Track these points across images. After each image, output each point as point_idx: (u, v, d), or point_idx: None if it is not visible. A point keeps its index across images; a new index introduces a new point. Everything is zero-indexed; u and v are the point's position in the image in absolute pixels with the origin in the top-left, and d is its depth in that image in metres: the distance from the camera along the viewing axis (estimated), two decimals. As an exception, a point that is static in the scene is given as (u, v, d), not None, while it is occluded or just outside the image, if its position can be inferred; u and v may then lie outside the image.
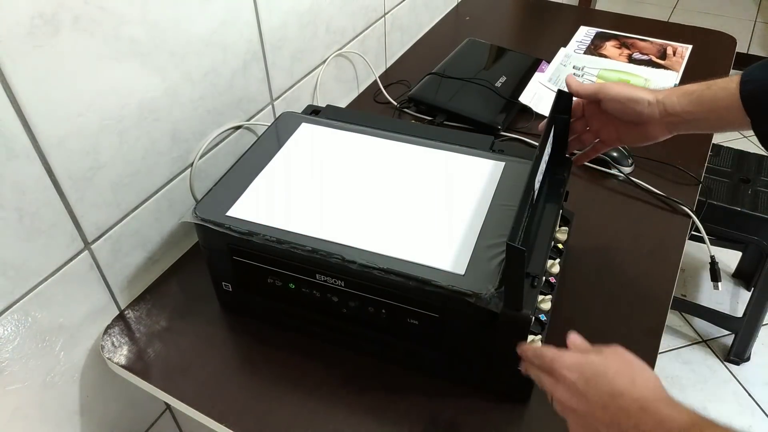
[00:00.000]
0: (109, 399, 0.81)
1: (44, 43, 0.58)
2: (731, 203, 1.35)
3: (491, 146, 0.76)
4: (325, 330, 0.71)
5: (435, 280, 0.57)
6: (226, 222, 0.64)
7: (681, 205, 0.89)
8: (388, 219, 0.65)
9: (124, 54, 0.67)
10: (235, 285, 0.71)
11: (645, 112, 0.67)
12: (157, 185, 0.78)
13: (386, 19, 1.21)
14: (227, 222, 0.64)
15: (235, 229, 0.63)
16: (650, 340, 0.71)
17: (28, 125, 0.59)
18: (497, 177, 0.70)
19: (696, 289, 1.76)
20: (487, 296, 0.55)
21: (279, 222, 0.64)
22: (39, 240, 0.64)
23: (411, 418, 0.65)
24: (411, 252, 0.60)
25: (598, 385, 0.49)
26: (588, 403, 0.49)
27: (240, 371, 0.70)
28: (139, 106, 0.71)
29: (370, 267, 0.59)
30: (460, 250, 0.61)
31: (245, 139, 0.91)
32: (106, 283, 0.75)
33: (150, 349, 0.73)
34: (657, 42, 1.31)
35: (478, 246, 0.61)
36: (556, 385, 0.51)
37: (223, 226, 0.64)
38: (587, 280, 0.78)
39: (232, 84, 0.85)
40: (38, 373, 0.70)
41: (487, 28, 1.41)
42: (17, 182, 0.60)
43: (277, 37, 0.91)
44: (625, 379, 0.48)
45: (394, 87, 1.18)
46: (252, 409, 0.66)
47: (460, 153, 0.74)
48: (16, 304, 0.64)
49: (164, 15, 0.70)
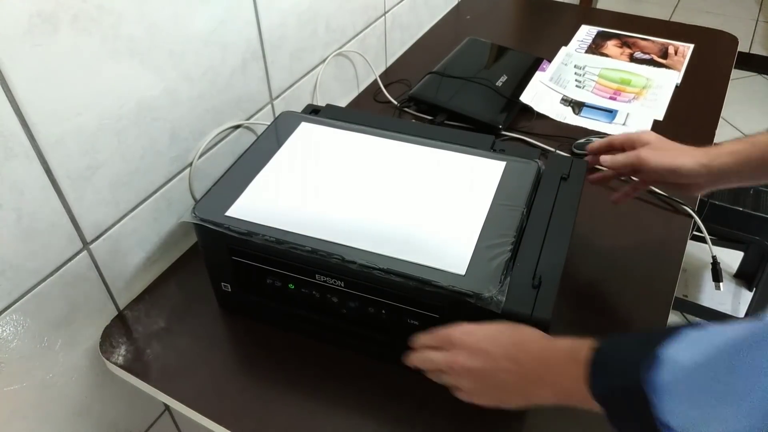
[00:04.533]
0: (108, 400, 0.80)
1: (43, 42, 0.58)
2: (733, 203, 1.34)
3: (492, 146, 0.75)
4: (324, 330, 0.70)
5: (435, 281, 0.57)
6: (225, 222, 0.64)
7: (683, 205, 0.89)
8: (388, 219, 0.65)
9: (122, 53, 0.66)
10: (235, 285, 0.71)
11: (688, 178, 0.67)
12: (156, 185, 0.78)
13: (386, 18, 1.21)
14: (226, 222, 0.64)
15: (235, 229, 0.63)
16: (652, 341, 0.71)
17: (27, 124, 0.59)
18: (498, 177, 0.69)
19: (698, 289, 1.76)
20: (488, 296, 0.55)
21: (278, 222, 0.64)
22: (38, 240, 0.64)
23: (411, 419, 0.64)
24: (411, 252, 0.60)
25: (499, 340, 0.54)
26: (491, 356, 0.53)
27: (239, 372, 0.70)
28: (138, 105, 0.71)
29: (369, 267, 0.59)
30: (460, 250, 0.60)
31: (244, 139, 0.91)
32: (104, 283, 0.74)
33: (149, 349, 0.73)
34: (658, 41, 1.31)
35: (478, 246, 0.61)
36: (454, 354, 0.55)
37: (222, 227, 0.63)
38: (588, 280, 0.78)
39: (231, 83, 0.84)
40: (37, 373, 0.70)
41: (487, 27, 1.41)
42: (16, 182, 0.60)
43: (277, 35, 0.91)
44: (520, 331, 0.54)
45: (395, 86, 1.18)
46: (251, 409, 0.66)
47: (461, 152, 0.74)
48: (15, 305, 0.64)
49: (163, 14, 0.70)
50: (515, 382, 0.53)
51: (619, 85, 1.18)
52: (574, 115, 1.10)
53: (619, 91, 1.16)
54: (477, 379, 0.54)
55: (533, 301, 0.56)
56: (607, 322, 0.74)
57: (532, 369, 0.52)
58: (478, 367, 0.54)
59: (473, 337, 0.55)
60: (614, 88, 1.17)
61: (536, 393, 0.52)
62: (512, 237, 0.61)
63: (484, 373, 0.54)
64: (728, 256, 1.76)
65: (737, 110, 2.31)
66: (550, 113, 1.11)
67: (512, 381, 0.53)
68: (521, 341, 0.53)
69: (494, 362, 0.53)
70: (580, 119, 1.09)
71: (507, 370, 0.53)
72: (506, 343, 0.54)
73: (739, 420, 0.35)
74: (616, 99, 1.14)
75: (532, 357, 0.52)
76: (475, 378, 0.54)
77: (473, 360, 0.54)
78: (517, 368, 0.52)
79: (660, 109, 1.11)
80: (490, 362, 0.53)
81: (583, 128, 1.06)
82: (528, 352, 0.53)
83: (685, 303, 1.66)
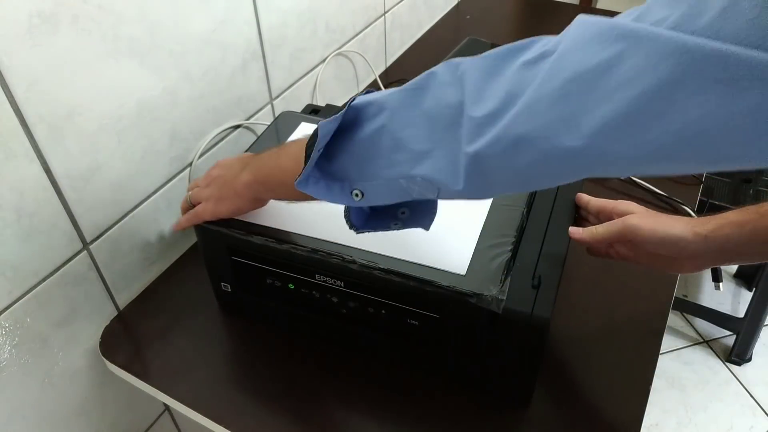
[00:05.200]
0: (108, 400, 0.80)
1: (43, 42, 0.58)
2: (733, 203, 1.35)
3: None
4: (324, 330, 0.70)
5: (436, 281, 0.57)
6: (225, 223, 0.64)
7: (682, 205, 0.89)
8: None
9: (122, 53, 0.66)
10: (234, 285, 0.71)
11: (685, 250, 0.57)
12: (156, 185, 0.78)
13: (386, 18, 1.21)
14: (226, 223, 0.64)
15: (235, 229, 0.63)
16: (651, 341, 0.71)
17: (27, 124, 0.59)
18: None
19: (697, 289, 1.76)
20: (489, 296, 0.55)
21: (278, 222, 0.64)
22: (37, 240, 0.64)
23: (411, 419, 0.64)
24: (411, 252, 0.60)
25: (243, 156, 0.66)
26: (230, 165, 0.64)
27: (239, 371, 0.70)
28: (138, 105, 0.71)
29: (370, 267, 0.59)
30: (460, 250, 0.60)
31: (244, 139, 0.91)
32: (104, 283, 0.74)
33: (149, 349, 0.73)
34: (658, 41, 1.31)
35: (479, 246, 0.61)
36: (207, 174, 0.66)
37: (222, 227, 0.63)
38: (588, 279, 0.78)
39: (231, 83, 0.84)
40: (37, 373, 0.70)
41: (487, 27, 1.41)
42: (16, 182, 0.60)
43: (277, 35, 0.91)
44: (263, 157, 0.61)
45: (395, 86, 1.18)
46: (251, 409, 0.66)
47: None
48: (15, 305, 0.64)
49: (163, 14, 0.70)
50: (244, 179, 0.60)
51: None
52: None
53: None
54: (216, 185, 0.63)
55: (533, 301, 0.56)
56: (606, 321, 0.74)
57: (259, 165, 0.59)
58: (219, 173, 0.64)
59: (225, 160, 0.67)
60: (614, 88, 1.17)
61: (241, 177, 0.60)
62: (513, 237, 0.61)
63: (223, 177, 0.63)
64: (728, 256, 1.76)
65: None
66: (549, 113, 1.10)
67: (237, 172, 0.61)
68: (258, 154, 0.62)
69: (231, 168, 0.63)
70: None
71: (239, 161, 0.63)
72: (246, 155, 0.65)
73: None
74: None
75: (262, 158, 0.60)
76: (216, 184, 0.63)
77: (218, 169, 0.65)
78: (250, 169, 0.60)
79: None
80: (228, 168, 0.64)
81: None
82: (258, 157, 0.61)
83: (685, 303, 1.67)
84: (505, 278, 0.57)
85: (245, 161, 0.62)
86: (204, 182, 0.66)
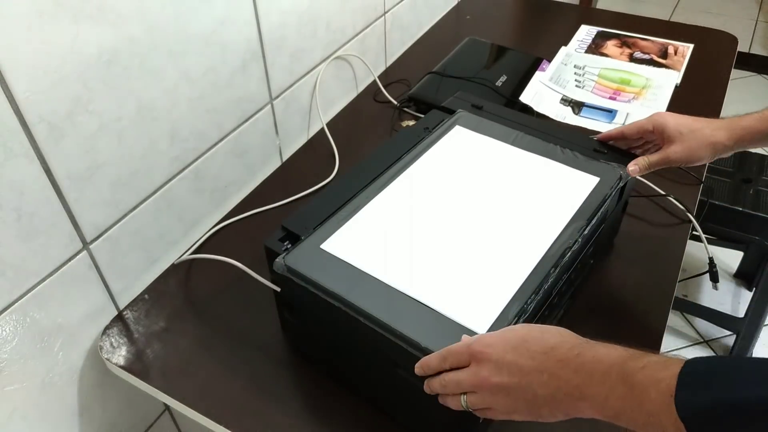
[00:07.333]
0: (108, 400, 0.80)
1: (43, 42, 0.58)
2: (733, 203, 1.34)
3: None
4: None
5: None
6: (318, 279, 0.58)
7: (682, 205, 0.89)
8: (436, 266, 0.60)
9: (123, 53, 0.66)
10: (300, 324, 0.68)
11: (702, 132, 0.71)
12: (156, 185, 0.78)
13: (386, 18, 1.21)
14: (318, 278, 0.58)
15: (329, 290, 0.57)
16: (652, 341, 0.71)
17: (27, 124, 0.59)
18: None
19: (697, 289, 1.76)
20: None
21: (376, 269, 0.59)
22: (37, 240, 0.64)
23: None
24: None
25: (528, 349, 0.47)
26: (521, 371, 0.47)
27: (239, 371, 0.70)
28: (138, 105, 0.71)
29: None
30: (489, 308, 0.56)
31: (245, 139, 0.91)
32: (104, 283, 0.74)
33: (149, 349, 0.73)
34: (658, 41, 1.31)
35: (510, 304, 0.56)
36: (478, 369, 0.48)
37: (315, 286, 0.58)
38: (587, 280, 0.78)
39: (231, 83, 0.84)
40: (37, 373, 0.70)
41: (487, 27, 1.41)
42: (15, 182, 0.60)
43: (277, 36, 0.91)
44: (549, 335, 0.48)
45: (394, 86, 1.18)
46: (251, 409, 0.66)
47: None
48: (15, 304, 0.64)
49: (163, 14, 0.70)
50: (552, 395, 0.46)
51: (619, 85, 1.18)
52: (573, 115, 1.11)
53: (618, 91, 1.16)
54: (509, 395, 0.47)
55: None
56: (606, 321, 0.74)
57: (568, 380, 0.45)
58: (508, 382, 0.47)
59: (496, 349, 0.48)
60: (614, 88, 1.17)
61: (576, 406, 0.45)
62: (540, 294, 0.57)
63: (516, 388, 0.47)
64: (728, 256, 1.76)
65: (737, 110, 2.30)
66: (549, 113, 1.11)
67: (548, 394, 0.46)
68: (552, 348, 0.47)
69: (526, 376, 0.46)
70: (580, 119, 1.09)
71: (541, 384, 0.46)
72: (536, 352, 0.47)
73: None
74: (616, 99, 1.14)
75: (571, 369, 0.45)
76: (507, 394, 0.47)
77: (502, 375, 0.47)
78: (553, 381, 0.46)
79: (660, 109, 1.11)
80: (521, 376, 0.47)
81: (583, 128, 1.06)
82: (563, 362, 0.46)
83: (685, 303, 1.66)
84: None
85: (542, 365, 0.47)
86: (482, 383, 0.49)
